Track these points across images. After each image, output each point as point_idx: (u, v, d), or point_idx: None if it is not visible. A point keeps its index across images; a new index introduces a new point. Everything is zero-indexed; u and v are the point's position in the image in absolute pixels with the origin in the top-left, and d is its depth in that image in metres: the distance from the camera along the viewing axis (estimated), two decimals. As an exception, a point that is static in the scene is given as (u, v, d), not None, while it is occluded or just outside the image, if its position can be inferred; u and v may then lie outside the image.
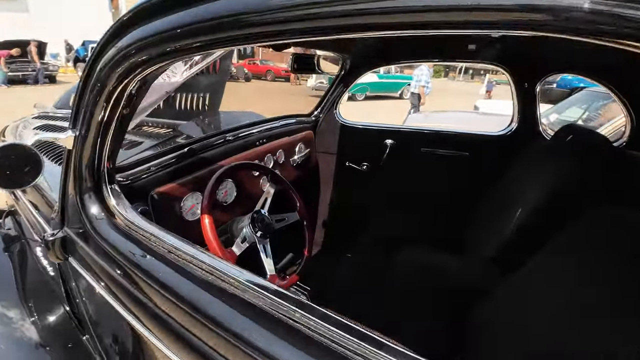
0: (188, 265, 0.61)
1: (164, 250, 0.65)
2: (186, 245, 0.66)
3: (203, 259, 0.61)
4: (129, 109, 0.70)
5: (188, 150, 1.18)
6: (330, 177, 2.18)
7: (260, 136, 1.56)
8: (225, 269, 0.60)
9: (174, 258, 0.63)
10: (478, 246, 1.42)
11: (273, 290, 0.54)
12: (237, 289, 0.55)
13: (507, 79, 1.78)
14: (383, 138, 1.97)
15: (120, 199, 0.79)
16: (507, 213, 1.36)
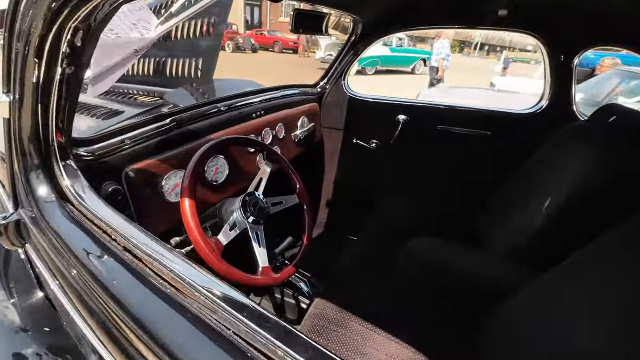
0: (145, 270, 0.47)
1: (120, 249, 0.51)
2: (151, 243, 0.52)
3: (169, 264, 0.48)
4: (73, 68, 0.54)
5: (171, 121, 1.02)
6: (336, 155, 2.02)
7: (257, 107, 1.39)
8: (194, 278, 0.46)
9: (130, 259, 0.49)
10: (496, 238, 1.27)
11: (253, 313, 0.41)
12: (204, 309, 0.42)
13: (540, 50, 1.56)
14: (395, 113, 1.79)
15: (77, 179, 0.65)
16: (533, 202, 1.20)
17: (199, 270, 0.48)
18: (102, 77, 0.68)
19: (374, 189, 2.00)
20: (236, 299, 0.43)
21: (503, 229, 1.30)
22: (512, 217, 1.28)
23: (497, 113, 1.67)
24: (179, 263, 0.49)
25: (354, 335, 1.02)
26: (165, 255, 0.50)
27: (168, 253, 0.51)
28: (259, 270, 0.90)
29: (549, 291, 0.86)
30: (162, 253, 0.51)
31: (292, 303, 1.50)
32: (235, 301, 0.42)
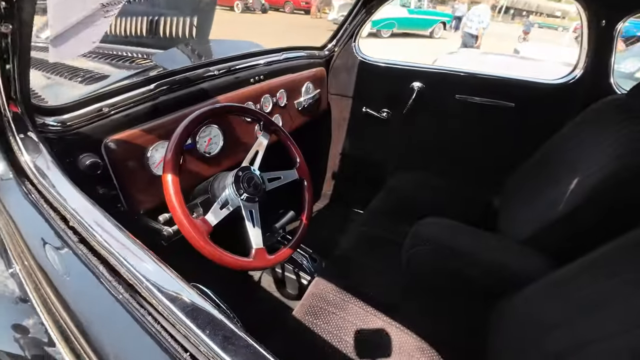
0: (98, 267, 0.40)
1: (76, 240, 0.44)
2: (114, 232, 0.45)
3: (130, 263, 0.40)
4: (11, 26, 0.44)
5: (156, 86, 0.92)
6: (344, 124, 1.90)
7: (256, 72, 1.26)
8: (158, 281, 0.39)
9: (85, 252, 0.42)
10: (514, 223, 1.18)
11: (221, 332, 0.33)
12: (163, 320, 0.35)
13: (579, 13, 1.36)
14: (410, 80, 1.63)
15: (39, 153, 0.57)
16: (559, 184, 1.09)
17: (167, 271, 0.41)
18: (64, 38, 0.58)
19: (383, 162, 1.89)
20: (204, 311, 0.36)
21: (522, 212, 1.19)
22: (533, 200, 1.17)
23: (522, 82, 1.50)
24: (141, 259, 0.42)
25: (353, 319, 0.97)
26: (127, 249, 0.43)
27: (131, 245, 0.44)
28: (252, 253, 0.84)
29: (570, 286, 0.77)
30: (124, 246, 0.44)
31: (293, 278, 1.47)
32: (203, 314, 0.35)
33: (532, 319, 0.81)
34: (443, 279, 1.06)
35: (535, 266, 0.95)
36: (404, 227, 1.33)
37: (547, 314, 0.78)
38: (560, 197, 1.04)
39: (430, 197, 1.53)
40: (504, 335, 0.87)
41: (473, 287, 1.02)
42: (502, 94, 1.50)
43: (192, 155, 1.01)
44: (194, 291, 0.39)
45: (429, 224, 1.14)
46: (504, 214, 1.32)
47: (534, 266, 0.95)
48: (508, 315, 0.90)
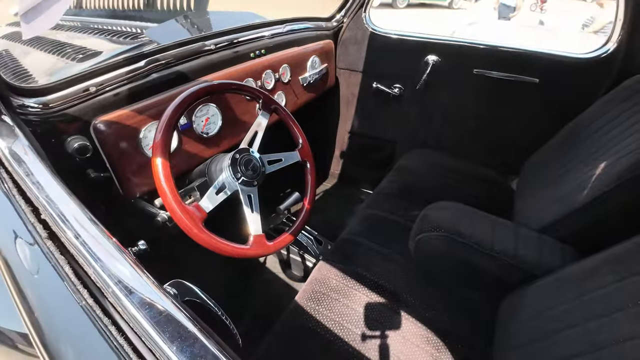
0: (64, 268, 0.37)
1: (44, 235, 0.41)
2: (90, 228, 0.41)
3: (100, 265, 0.37)
4: None
5: (147, 62, 0.86)
6: (353, 101, 1.80)
7: (257, 45, 1.18)
8: (126, 282, 0.36)
9: (52, 250, 0.39)
10: (534, 209, 1.10)
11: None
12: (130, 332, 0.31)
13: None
14: (424, 53, 1.51)
15: (15, 138, 0.53)
16: (584, 167, 1.00)
17: (139, 274, 0.37)
18: (35, 12, 0.52)
19: (394, 140, 1.81)
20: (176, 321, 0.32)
21: (541, 197, 1.12)
22: (553, 184, 1.09)
23: (548, 56, 1.36)
24: (113, 259, 0.38)
25: (356, 307, 0.95)
26: (99, 246, 0.39)
27: (105, 243, 0.40)
28: (251, 240, 0.81)
29: (589, 282, 0.71)
30: (98, 243, 0.40)
31: (299, 260, 1.45)
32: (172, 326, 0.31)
33: (545, 315, 0.76)
34: (451, 267, 1.02)
35: (552, 258, 0.89)
36: (413, 210, 1.27)
37: (562, 311, 0.72)
38: (584, 183, 0.95)
39: (443, 178, 1.46)
40: (513, 330, 0.82)
41: (483, 278, 0.97)
42: (525, 69, 1.37)
43: (189, 136, 0.96)
44: (168, 298, 0.35)
45: (439, 208, 1.08)
46: (521, 197, 1.24)
47: (550, 258, 0.89)
48: (519, 309, 0.86)
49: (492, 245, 0.95)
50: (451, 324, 0.93)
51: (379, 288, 0.99)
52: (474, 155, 1.62)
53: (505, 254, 0.93)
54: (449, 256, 1.00)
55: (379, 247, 1.12)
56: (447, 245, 0.98)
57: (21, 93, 0.66)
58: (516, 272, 0.91)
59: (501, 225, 1.02)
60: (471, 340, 0.90)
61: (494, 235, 0.98)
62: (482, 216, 1.05)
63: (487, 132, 1.57)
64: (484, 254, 0.94)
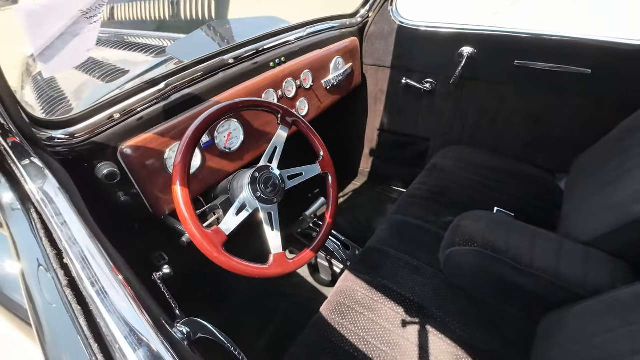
0: (78, 319, 0.39)
1: (65, 282, 0.43)
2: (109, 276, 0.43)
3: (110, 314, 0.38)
4: None
5: (166, 85, 0.88)
6: (381, 97, 1.73)
7: (275, 54, 1.16)
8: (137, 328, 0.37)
9: (70, 299, 0.41)
10: (582, 219, 0.99)
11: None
12: None
13: None
14: (459, 45, 1.40)
15: (44, 179, 0.57)
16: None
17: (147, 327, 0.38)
18: (51, 52, 0.54)
19: (426, 138, 1.72)
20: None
21: (592, 202, 1.00)
22: (607, 187, 0.97)
23: (602, 44, 1.19)
24: (125, 308, 0.39)
25: (382, 321, 0.92)
26: (115, 294, 0.41)
27: (119, 290, 0.41)
28: (270, 260, 0.81)
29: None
30: (113, 287, 0.42)
31: (326, 265, 1.45)
32: None
33: (587, 342, 0.68)
34: (485, 283, 0.95)
35: (599, 277, 0.80)
36: (445, 216, 1.21)
37: (606, 339, 0.65)
38: (644, 192, 0.83)
39: (480, 178, 1.36)
40: (551, 353, 0.76)
41: (520, 295, 0.90)
42: (574, 59, 1.21)
43: (212, 153, 0.98)
44: (176, 350, 0.36)
45: (472, 219, 1.01)
46: (570, 199, 1.13)
47: (597, 277, 0.80)
48: (559, 331, 0.78)
49: (532, 261, 0.87)
50: (484, 341, 0.88)
51: (406, 302, 0.96)
52: (515, 152, 1.49)
53: (545, 271, 0.85)
54: (482, 271, 0.93)
55: (407, 257, 1.08)
56: (481, 260, 0.92)
57: (48, 126, 0.70)
58: (558, 290, 0.83)
59: (543, 237, 0.93)
60: (506, 358, 0.84)
61: (534, 250, 0.89)
62: (520, 227, 0.97)
63: (532, 127, 1.43)
64: (521, 271, 0.87)
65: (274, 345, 1.29)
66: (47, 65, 0.56)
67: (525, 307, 0.92)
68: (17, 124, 0.54)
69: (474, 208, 1.08)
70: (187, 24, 1.42)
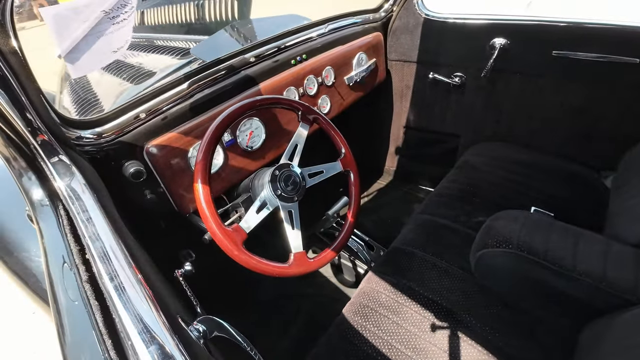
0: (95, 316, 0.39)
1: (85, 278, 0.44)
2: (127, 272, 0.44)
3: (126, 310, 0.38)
4: None
5: (189, 84, 0.89)
6: (407, 93, 1.67)
7: (297, 51, 1.15)
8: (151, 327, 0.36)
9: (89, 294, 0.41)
10: (630, 214, 0.90)
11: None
12: None
13: None
14: (490, 36, 1.32)
15: (71, 177, 0.58)
16: None
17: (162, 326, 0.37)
18: (78, 52, 0.56)
19: (455, 134, 1.64)
20: None
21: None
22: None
23: None
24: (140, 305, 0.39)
25: (407, 325, 0.88)
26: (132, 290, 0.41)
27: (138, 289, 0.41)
28: (291, 259, 0.79)
29: None
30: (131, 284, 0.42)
31: (350, 266, 1.42)
32: None
33: (636, 353, 0.61)
34: (521, 288, 0.88)
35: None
36: (477, 216, 1.14)
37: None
38: None
39: (515, 176, 1.27)
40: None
41: (561, 301, 0.82)
42: (621, 48, 1.11)
43: (234, 152, 0.98)
44: (188, 349, 0.35)
45: (507, 219, 0.94)
46: (618, 198, 1.03)
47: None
48: (605, 340, 0.71)
49: (575, 264, 0.80)
50: (519, 349, 0.81)
51: (433, 305, 0.91)
52: (555, 148, 1.39)
53: (590, 275, 0.77)
54: (517, 275, 0.87)
55: (434, 259, 1.03)
56: (516, 263, 0.85)
57: (77, 126, 0.73)
58: (604, 296, 0.76)
59: (587, 239, 0.85)
60: None
61: (577, 252, 0.82)
62: (561, 228, 0.89)
63: (573, 122, 1.32)
64: (563, 275, 0.80)
65: (297, 346, 1.28)
66: (74, 66, 0.58)
67: (566, 314, 0.84)
68: (45, 123, 0.56)
69: (508, 208, 1.01)
70: (212, 26, 1.45)
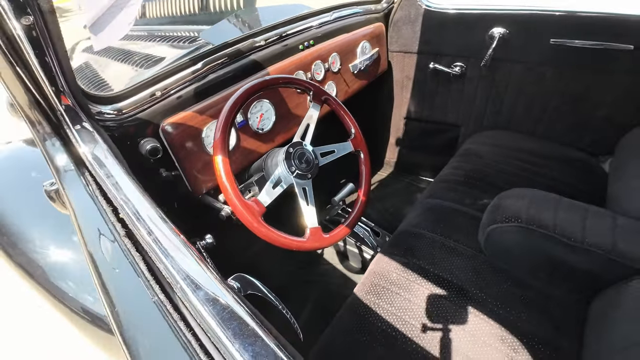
0: (139, 265, 0.39)
1: (122, 234, 0.44)
2: (161, 226, 0.44)
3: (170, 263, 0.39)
4: (32, 17, 0.43)
5: (204, 64, 0.90)
6: (408, 84, 1.70)
7: (305, 37, 1.16)
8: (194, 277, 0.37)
9: (129, 247, 0.42)
10: (630, 193, 0.93)
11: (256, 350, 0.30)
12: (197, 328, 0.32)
13: None
14: (489, 26, 1.36)
15: (95, 144, 0.59)
16: None
17: (206, 272, 0.38)
18: (101, 25, 0.57)
19: (456, 124, 1.67)
20: (239, 318, 0.32)
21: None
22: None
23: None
24: (182, 256, 0.40)
25: (419, 301, 0.90)
26: (169, 243, 0.41)
27: (174, 239, 0.42)
28: (307, 233, 0.80)
29: None
30: (167, 240, 0.42)
31: (356, 252, 1.43)
32: (236, 323, 0.32)
33: None
34: (530, 262, 0.91)
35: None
36: (482, 198, 1.17)
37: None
38: None
39: (518, 162, 1.30)
40: (609, 331, 0.71)
41: (571, 274, 0.85)
42: (616, 35, 1.15)
43: (246, 133, 0.99)
44: (231, 294, 0.35)
45: (514, 196, 0.97)
46: (618, 180, 1.06)
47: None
48: (617, 308, 0.73)
49: (584, 236, 0.82)
50: (530, 323, 0.83)
51: (444, 282, 0.93)
52: (555, 135, 1.43)
53: (600, 247, 0.80)
54: (527, 249, 0.89)
55: (443, 239, 1.04)
56: (525, 237, 0.87)
57: (98, 101, 0.73)
58: (615, 266, 0.78)
59: (594, 213, 0.87)
60: (555, 341, 0.79)
61: (586, 225, 0.84)
62: (568, 203, 0.91)
63: (571, 109, 1.36)
64: (572, 247, 0.82)
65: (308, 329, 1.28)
66: (97, 37, 0.59)
67: (575, 289, 0.87)
68: (71, 89, 0.56)
69: None
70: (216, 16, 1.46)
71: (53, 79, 0.52)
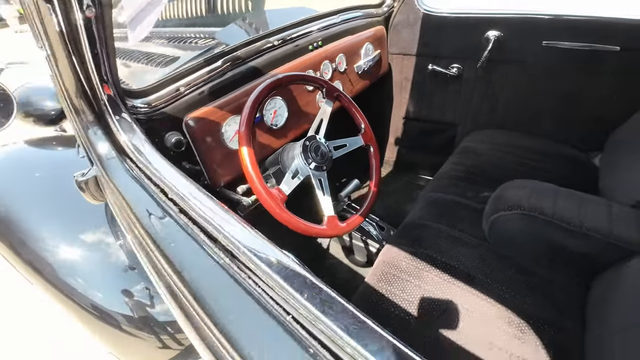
0: (199, 235, 0.43)
1: (176, 210, 0.48)
2: (207, 202, 0.48)
3: (225, 229, 0.42)
4: (94, 9, 0.47)
5: (223, 62, 0.94)
6: (407, 85, 1.76)
7: (314, 38, 1.22)
8: (252, 245, 0.41)
9: (186, 222, 0.45)
10: (621, 184, 1.00)
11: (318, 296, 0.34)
12: (262, 283, 0.36)
13: None
14: (485, 29, 1.43)
15: (134, 133, 0.62)
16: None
17: (260, 238, 0.42)
18: (138, 19, 0.60)
19: (454, 123, 1.74)
20: (300, 275, 0.36)
21: (632, 172, 1.01)
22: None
23: (629, 22, 1.21)
24: (235, 226, 0.43)
25: (429, 288, 0.94)
26: (221, 217, 0.45)
27: (225, 214, 0.46)
28: (325, 221, 0.85)
29: None
30: (218, 215, 0.46)
31: (361, 246, 1.47)
32: (299, 279, 0.36)
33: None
34: (533, 248, 0.96)
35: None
36: (482, 191, 1.22)
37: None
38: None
39: (515, 158, 1.37)
40: (610, 311, 0.76)
41: (571, 258, 0.91)
42: (602, 37, 1.24)
43: (261, 129, 1.03)
44: (286, 256, 0.39)
45: (516, 187, 1.03)
46: (608, 173, 1.14)
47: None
48: (616, 289, 0.79)
49: (582, 222, 0.88)
50: (535, 306, 0.88)
51: (451, 270, 0.97)
52: (547, 132, 1.50)
53: (598, 231, 0.86)
54: (529, 236, 0.95)
55: (449, 229, 1.09)
56: (527, 224, 0.93)
57: (129, 94, 0.76)
58: (612, 249, 0.84)
59: (590, 201, 0.94)
60: (560, 322, 0.85)
61: (583, 212, 0.90)
62: (566, 192, 0.98)
63: (563, 107, 1.44)
64: (572, 232, 0.88)
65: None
66: (133, 33, 0.62)
67: (575, 273, 0.93)
68: (114, 80, 0.59)
69: None
70: (223, 18, 1.50)
71: (99, 68, 0.55)
